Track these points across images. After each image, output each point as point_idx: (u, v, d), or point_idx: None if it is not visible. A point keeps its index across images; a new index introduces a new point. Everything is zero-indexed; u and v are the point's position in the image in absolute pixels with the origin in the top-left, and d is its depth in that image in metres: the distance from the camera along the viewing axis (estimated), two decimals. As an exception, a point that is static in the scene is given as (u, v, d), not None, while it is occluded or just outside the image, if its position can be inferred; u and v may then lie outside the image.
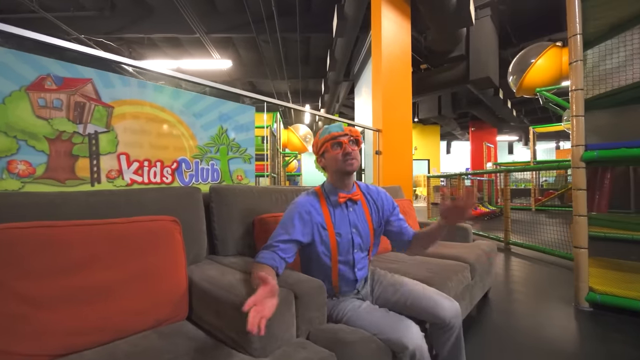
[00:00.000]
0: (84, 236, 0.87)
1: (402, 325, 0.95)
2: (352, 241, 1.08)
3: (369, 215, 1.13)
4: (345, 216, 1.09)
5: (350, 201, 1.10)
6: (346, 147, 1.03)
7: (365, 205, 1.13)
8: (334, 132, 1.04)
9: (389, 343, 0.92)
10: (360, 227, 1.10)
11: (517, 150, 17.88)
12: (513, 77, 6.35)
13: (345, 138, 1.04)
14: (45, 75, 1.11)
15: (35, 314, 0.76)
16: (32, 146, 1.08)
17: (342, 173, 1.06)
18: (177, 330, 0.92)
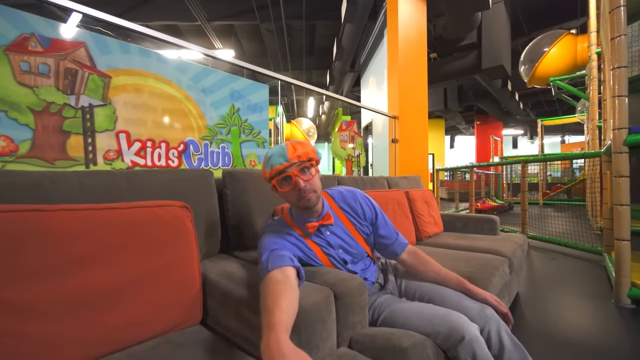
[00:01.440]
0: (79, 224, 0.70)
1: (450, 315, 0.80)
2: (343, 260, 0.95)
3: (351, 227, 0.98)
4: (324, 241, 0.93)
5: (322, 227, 0.93)
6: (297, 182, 0.83)
7: (343, 218, 0.98)
8: (276, 165, 0.83)
9: (439, 339, 0.76)
10: (346, 244, 0.96)
11: (522, 145, 17.70)
12: (525, 67, 6.16)
13: (293, 169, 0.83)
14: (28, 35, 0.93)
15: (23, 327, 0.59)
16: (13, 119, 0.91)
17: (303, 208, 0.89)
18: (190, 339, 0.75)
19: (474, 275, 1.22)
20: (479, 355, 0.73)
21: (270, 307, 0.60)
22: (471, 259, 1.45)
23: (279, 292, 0.64)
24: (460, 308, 0.86)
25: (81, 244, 0.67)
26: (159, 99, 1.24)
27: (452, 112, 10.86)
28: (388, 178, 2.14)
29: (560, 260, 2.88)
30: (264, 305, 0.62)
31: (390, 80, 3.35)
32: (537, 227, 4.15)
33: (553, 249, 3.26)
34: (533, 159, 3.73)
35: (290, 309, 0.61)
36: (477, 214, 2.78)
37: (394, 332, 0.77)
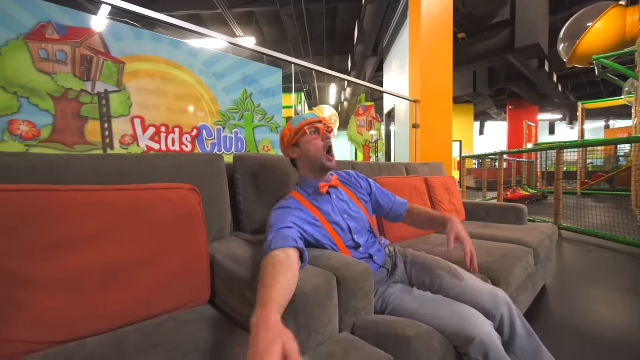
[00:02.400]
0: (89, 204, 0.73)
1: (463, 312, 0.75)
2: (348, 228, 0.98)
3: (352, 195, 1.06)
4: (332, 206, 0.98)
5: (331, 188, 1.01)
6: (326, 134, 0.95)
7: (346, 189, 1.07)
8: (308, 118, 0.95)
9: (447, 335, 0.73)
10: (352, 211, 1.01)
11: (560, 130, 16.52)
12: (564, 45, 5.67)
13: (322, 125, 0.95)
14: (46, 23, 0.97)
15: (34, 300, 0.63)
16: (35, 105, 0.95)
17: (319, 167, 0.97)
18: (197, 317, 0.77)
19: (493, 266, 1.16)
20: (492, 356, 0.69)
21: (267, 284, 0.60)
22: (492, 248, 1.38)
23: (278, 272, 0.64)
24: (473, 292, 0.85)
25: (92, 223, 0.70)
26: (172, 85, 1.26)
27: (482, 97, 10.29)
28: (407, 164, 2.07)
29: (597, 253, 2.69)
30: (262, 282, 0.61)
31: (411, 62, 3.19)
32: (573, 218, 3.89)
33: (589, 242, 3.04)
34: (569, 145, 3.46)
35: (286, 289, 0.60)
36: (503, 202, 2.64)
37: (399, 320, 0.75)
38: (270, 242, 0.76)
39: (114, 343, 0.65)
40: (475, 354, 0.70)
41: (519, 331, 0.78)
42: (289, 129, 0.98)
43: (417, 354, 0.67)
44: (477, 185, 9.48)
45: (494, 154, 4.98)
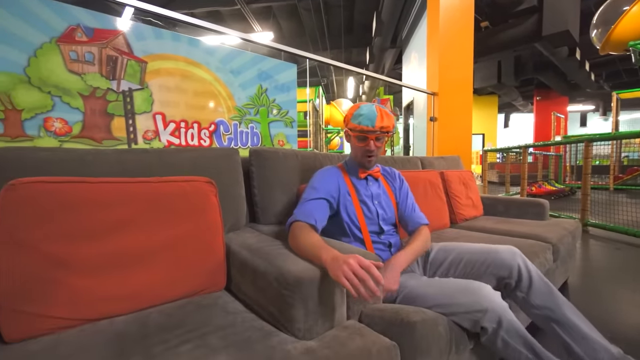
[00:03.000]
0: (115, 195, 0.79)
1: (471, 287, 0.79)
2: (376, 212, 1.06)
3: (390, 190, 1.15)
4: (367, 189, 1.09)
5: (371, 177, 1.11)
6: (370, 144, 1.01)
7: (385, 182, 1.16)
8: (363, 126, 1.00)
9: (460, 314, 0.75)
10: (383, 200, 1.10)
11: (593, 122, 15.59)
12: (597, 31, 5.32)
13: (373, 135, 1.00)
14: (75, 26, 1.04)
15: (70, 280, 0.69)
16: (66, 103, 1.03)
17: (360, 165, 1.08)
18: (213, 302, 0.82)
19: (507, 260, 1.14)
20: (505, 321, 0.72)
21: (311, 239, 0.80)
22: (509, 244, 1.35)
23: (312, 233, 0.84)
24: (491, 249, 0.98)
25: (116, 212, 0.76)
26: (191, 82, 1.31)
27: (506, 88, 9.89)
28: (422, 158, 2.04)
29: (626, 251, 2.56)
30: (304, 241, 0.80)
31: (429, 53, 3.11)
32: (603, 215, 3.70)
33: (619, 239, 2.90)
34: (599, 138, 3.28)
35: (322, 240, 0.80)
36: (523, 197, 2.56)
37: (404, 307, 0.76)
38: (297, 212, 0.94)
39: (139, 322, 0.71)
40: (489, 323, 0.72)
41: (535, 279, 0.91)
42: (349, 119, 1.04)
43: (421, 339, 0.69)
44: (500, 180, 9.17)
45: (517, 147, 4.80)
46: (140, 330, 0.67)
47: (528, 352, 0.74)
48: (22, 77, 0.97)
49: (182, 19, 1.37)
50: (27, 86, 0.97)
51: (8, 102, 0.95)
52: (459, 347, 0.75)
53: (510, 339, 0.73)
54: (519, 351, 0.74)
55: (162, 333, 0.66)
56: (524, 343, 0.74)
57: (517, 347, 0.73)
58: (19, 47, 0.96)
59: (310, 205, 0.95)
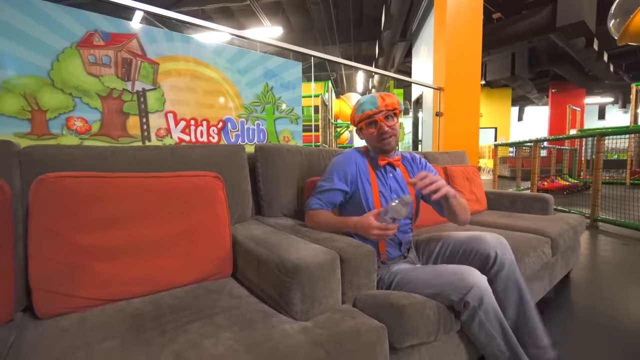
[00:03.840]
0: (132, 189, 0.86)
1: (460, 269, 0.84)
2: None
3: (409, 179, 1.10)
4: (385, 180, 1.08)
5: (390, 166, 1.09)
6: (382, 126, 1.00)
7: (405, 172, 1.13)
8: (367, 110, 1.00)
9: (449, 291, 0.80)
10: (400, 192, 1.08)
11: (611, 115, 15.08)
12: (615, 21, 5.13)
13: (380, 115, 1.00)
14: (92, 31, 1.12)
15: (93, 265, 0.77)
16: (86, 103, 1.11)
17: (380, 150, 1.06)
18: (221, 287, 0.89)
19: (503, 253, 1.18)
20: (486, 301, 0.77)
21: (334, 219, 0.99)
22: (507, 237, 1.37)
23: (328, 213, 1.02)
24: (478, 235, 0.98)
25: (132, 204, 0.84)
26: (200, 81, 1.38)
27: (520, 80, 9.66)
28: (426, 153, 2.07)
29: (634, 247, 2.53)
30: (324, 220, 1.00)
31: (436, 47, 3.10)
32: (616, 210, 3.63)
33: (629, 235, 2.86)
34: (612, 132, 3.22)
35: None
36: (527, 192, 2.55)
37: (396, 293, 0.82)
38: (312, 199, 1.06)
39: (153, 303, 0.79)
40: (472, 300, 0.77)
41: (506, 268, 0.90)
42: (353, 115, 1.06)
43: (410, 321, 0.74)
44: (512, 175, 9.02)
45: (529, 141, 4.73)
46: (154, 310, 0.75)
47: (501, 339, 0.78)
48: (47, 80, 1.06)
49: (188, 21, 1.43)
50: (51, 88, 1.06)
51: (34, 103, 1.04)
52: (446, 328, 0.80)
53: (487, 321, 0.78)
54: (492, 336, 0.78)
55: (174, 313, 0.73)
56: (499, 328, 0.78)
57: (491, 330, 0.78)
58: (43, 53, 1.04)
59: (324, 196, 1.05)
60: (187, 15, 1.43)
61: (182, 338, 0.62)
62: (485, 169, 11.11)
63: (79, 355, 0.57)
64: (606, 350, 1.19)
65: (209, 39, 1.47)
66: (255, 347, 0.60)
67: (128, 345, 0.60)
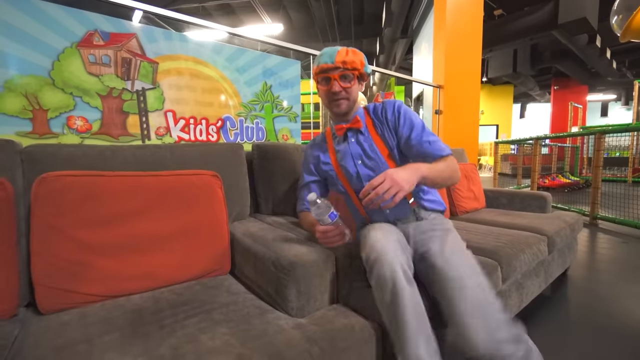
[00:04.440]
0: (131, 187, 0.88)
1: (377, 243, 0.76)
2: (357, 174, 0.96)
3: (378, 139, 0.96)
4: (347, 148, 0.98)
5: (351, 131, 0.97)
6: (333, 85, 0.87)
7: (372, 130, 0.97)
8: (322, 64, 0.87)
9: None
10: (367, 157, 0.95)
11: (614, 112, 14.98)
12: (618, 17, 5.10)
13: (335, 72, 0.87)
14: (92, 31, 1.13)
15: (95, 261, 0.79)
16: (87, 102, 1.13)
17: (333, 113, 0.96)
18: (219, 283, 0.91)
19: (498, 250, 1.19)
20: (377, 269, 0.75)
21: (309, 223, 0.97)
22: (503, 235, 1.40)
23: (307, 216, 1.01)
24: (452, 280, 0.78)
25: (132, 203, 0.85)
26: (198, 80, 1.39)
27: (522, 77, 9.61)
28: (425, 151, 2.08)
29: (633, 244, 2.54)
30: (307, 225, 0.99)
31: (436, 45, 3.09)
32: (617, 208, 3.63)
33: (628, 233, 2.87)
34: (612, 130, 3.21)
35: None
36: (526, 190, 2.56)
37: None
38: (298, 202, 1.08)
39: (152, 299, 0.80)
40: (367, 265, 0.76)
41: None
42: (313, 67, 0.93)
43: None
44: (513, 172, 9.01)
45: (529, 139, 4.72)
46: (153, 306, 0.77)
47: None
48: (48, 80, 1.07)
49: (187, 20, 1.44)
50: (52, 88, 1.08)
51: (36, 103, 1.06)
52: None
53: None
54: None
55: (172, 308, 0.75)
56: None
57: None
58: (44, 52, 1.06)
59: (301, 193, 1.07)
60: (187, 12, 1.44)
61: (179, 332, 0.64)
62: (486, 167, 11.09)
63: (80, 348, 0.59)
64: (601, 348, 1.21)
65: (208, 37, 1.47)
66: (251, 341, 0.62)
67: (127, 339, 0.62)
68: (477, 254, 1.16)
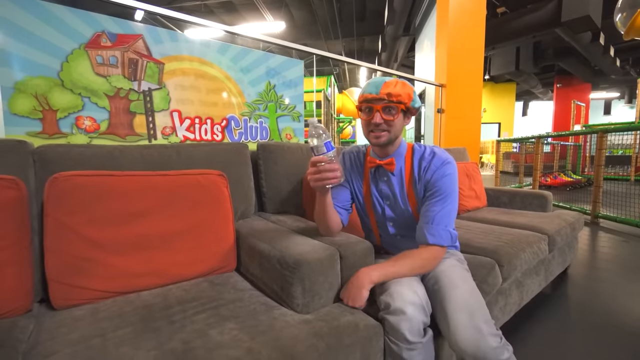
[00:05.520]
0: (139, 186, 0.90)
1: (401, 284, 0.78)
2: (384, 212, 0.96)
3: (410, 187, 0.91)
4: (377, 184, 0.96)
5: (382, 169, 0.93)
6: (375, 116, 0.84)
7: (408, 175, 0.92)
8: (366, 93, 0.85)
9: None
10: (396, 199, 0.93)
11: (617, 110, 14.91)
12: (622, 15, 5.07)
13: (379, 104, 0.84)
14: (100, 32, 1.15)
15: (104, 259, 0.81)
16: (95, 103, 1.15)
17: (372, 145, 0.92)
18: (225, 281, 0.93)
19: (499, 250, 1.21)
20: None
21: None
22: (504, 234, 1.41)
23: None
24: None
25: (140, 201, 0.87)
26: (203, 80, 1.41)
27: (525, 75, 9.56)
28: (427, 150, 2.09)
29: (634, 243, 2.55)
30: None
31: (438, 43, 3.09)
32: (618, 207, 3.64)
33: (629, 232, 2.88)
34: (614, 128, 3.21)
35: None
36: (527, 189, 2.57)
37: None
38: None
39: (161, 296, 0.83)
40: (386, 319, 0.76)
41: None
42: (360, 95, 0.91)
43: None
44: (515, 170, 9.00)
45: (531, 137, 4.72)
46: (162, 302, 0.79)
47: None
48: (57, 81, 1.09)
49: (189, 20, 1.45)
50: (61, 89, 1.10)
51: (45, 103, 1.08)
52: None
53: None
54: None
55: (181, 305, 0.77)
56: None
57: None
58: (53, 54, 1.08)
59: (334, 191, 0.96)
60: (189, 10, 1.45)
61: (189, 327, 0.66)
62: (487, 165, 11.08)
63: (95, 342, 0.62)
64: (600, 346, 1.23)
65: (210, 35, 1.48)
66: (259, 336, 0.64)
67: (139, 334, 0.64)
68: (479, 253, 1.19)
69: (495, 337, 0.71)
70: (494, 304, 1.13)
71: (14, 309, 0.73)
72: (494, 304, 1.13)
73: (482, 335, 0.70)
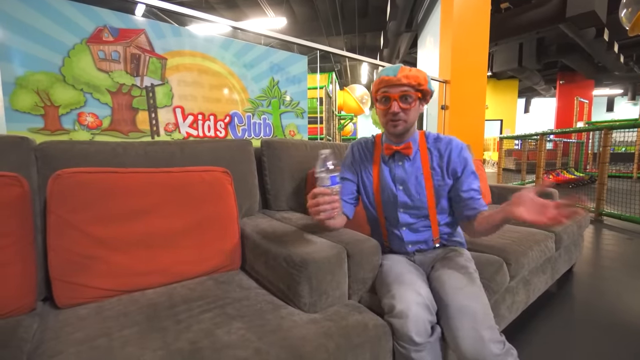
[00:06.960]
0: (143, 183, 0.89)
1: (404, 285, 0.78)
2: (396, 198, 0.93)
3: (428, 171, 0.92)
4: (391, 169, 0.95)
5: (399, 154, 0.94)
6: (393, 106, 0.84)
7: (425, 158, 0.93)
8: (384, 75, 0.84)
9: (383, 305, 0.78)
10: (411, 184, 0.92)
11: (620, 107, 14.82)
12: (627, 11, 5.01)
13: (396, 92, 0.84)
14: (102, 27, 1.13)
15: (108, 257, 0.80)
16: (97, 99, 1.13)
17: (389, 133, 0.93)
18: (230, 279, 0.92)
19: (507, 247, 1.20)
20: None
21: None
22: (511, 231, 1.40)
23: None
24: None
25: (144, 199, 0.86)
26: (207, 76, 1.39)
27: (528, 71, 9.49)
28: (431, 147, 2.07)
29: (639, 241, 2.54)
30: None
31: (442, 39, 3.05)
32: (622, 204, 3.61)
33: (634, 230, 2.86)
34: (619, 125, 3.18)
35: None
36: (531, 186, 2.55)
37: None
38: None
39: (166, 294, 0.82)
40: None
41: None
42: (374, 85, 0.91)
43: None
44: (517, 168, 8.96)
45: (534, 134, 4.69)
46: (168, 301, 0.78)
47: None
48: (58, 76, 1.08)
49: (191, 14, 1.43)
50: (63, 84, 1.08)
51: (47, 99, 1.06)
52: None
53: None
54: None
55: (186, 303, 0.76)
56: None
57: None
58: (54, 49, 1.06)
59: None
60: (190, 5, 1.43)
61: (196, 327, 0.65)
62: (490, 162, 11.04)
63: (100, 342, 0.61)
64: (605, 344, 1.22)
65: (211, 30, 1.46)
66: (266, 336, 0.63)
67: (145, 333, 0.63)
68: (486, 252, 1.17)
69: (498, 343, 0.70)
70: (501, 302, 1.12)
71: (18, 308, 0.72)
72: (501, 302, 1.12)
73: (484, 343, 0.69)
